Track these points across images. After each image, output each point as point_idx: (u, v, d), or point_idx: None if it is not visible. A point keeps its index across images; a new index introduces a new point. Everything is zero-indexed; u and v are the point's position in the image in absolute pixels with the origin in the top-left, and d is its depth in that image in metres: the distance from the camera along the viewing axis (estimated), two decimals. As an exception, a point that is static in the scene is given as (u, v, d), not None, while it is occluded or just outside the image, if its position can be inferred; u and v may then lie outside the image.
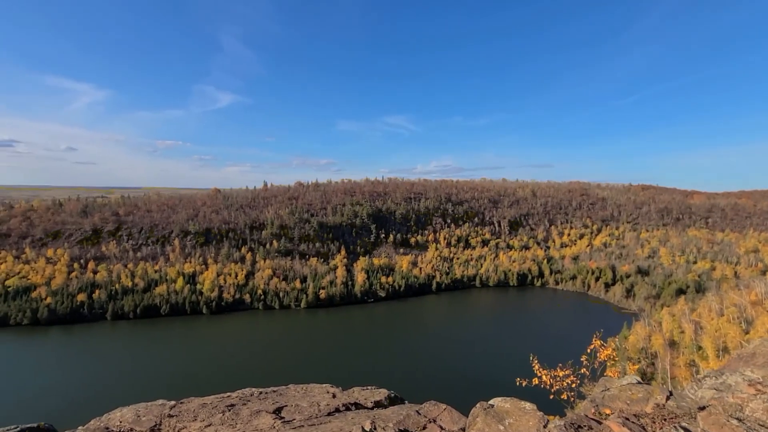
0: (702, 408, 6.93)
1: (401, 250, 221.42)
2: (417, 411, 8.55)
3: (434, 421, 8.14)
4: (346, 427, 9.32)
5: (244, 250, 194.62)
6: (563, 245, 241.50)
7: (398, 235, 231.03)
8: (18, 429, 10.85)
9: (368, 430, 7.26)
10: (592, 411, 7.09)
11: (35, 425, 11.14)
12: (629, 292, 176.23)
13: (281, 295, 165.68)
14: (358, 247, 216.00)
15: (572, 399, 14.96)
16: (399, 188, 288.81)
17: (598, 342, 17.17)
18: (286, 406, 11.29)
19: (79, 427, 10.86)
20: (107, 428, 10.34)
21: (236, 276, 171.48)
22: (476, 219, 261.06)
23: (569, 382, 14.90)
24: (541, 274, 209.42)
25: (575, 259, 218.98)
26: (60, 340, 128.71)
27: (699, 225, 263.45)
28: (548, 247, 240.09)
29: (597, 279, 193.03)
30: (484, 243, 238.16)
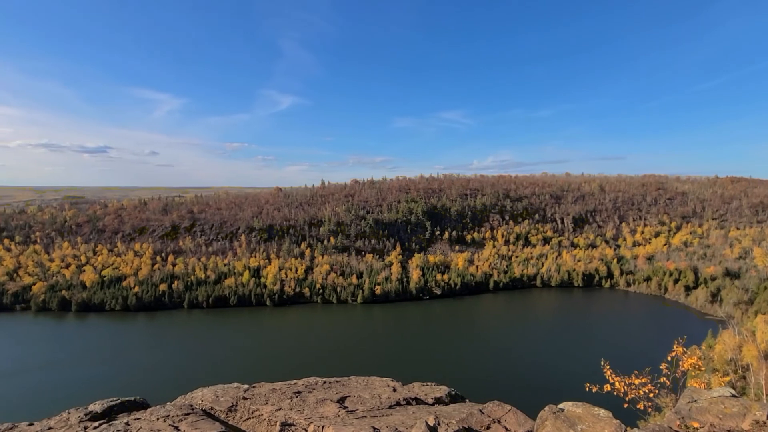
0: (814, 429, 6.09)
1: (457, 248, 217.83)
2: (480, 410, 8.43)
3: (498, 421, 7.99)
4: (408, 421, 9.44)
5: (303, 245, 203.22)
6: (636, 244, 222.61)
7: (453, 232, 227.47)
8: (119, 401, 12.37)
9: (432, 425, 7.30)
10: (677, 423, 6.53)
11: (133, 398, 12.62)
12: (715, 297, 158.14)
13: (338, 289, 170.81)
14: (413, 244, 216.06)
15: (649, 410, 13.84)
16: (454, 185, 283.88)
17: (680, 349, 15.64)
18: (349, 396, 11.70)
19: (168, 403, 12.10)
20: (191, 405, 11.41)
21: (296, 270, 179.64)
22: (537, 216, 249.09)
23: (646, 391, 13.77)
24: (610, 275, 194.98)
25: (650, 259, 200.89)
26: (147, 325, 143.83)
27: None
28: (618, 246, 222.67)
29: (676, 281, 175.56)
30: (546, 241, 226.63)
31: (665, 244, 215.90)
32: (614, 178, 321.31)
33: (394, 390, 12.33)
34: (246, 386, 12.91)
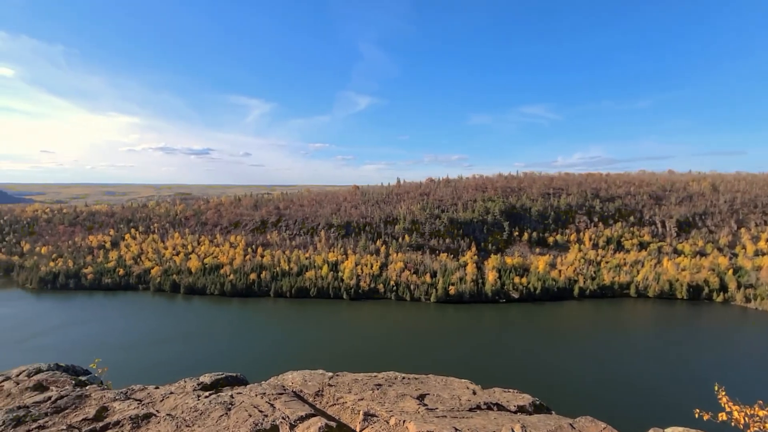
0: None
1: (537, 250, 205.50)
2: (570, 424, 7.99)
3: (591, 438, 7.50)
4: (490, 426, 9.28)
5: (378, 242, 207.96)
6: (760, 253, 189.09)
7: (534, 234, 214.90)
8: (224, 375, 13.95)
9: (518, 432, 7.12)
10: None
11: (234, 374, 14.16)
12: None
13: (412, 287, 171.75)
14: (489, 245, 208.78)
15: (777, 448, 11.81)
16: (535, 183, 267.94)
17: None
18: (428, 394, 11.83)
19: (263, 382, 13.37)
20: (283, 386, 12.48)
21: (371, 267, 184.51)
22: (632, 218, 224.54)
23: (775, 426, 11.77)
24: (723, 288, 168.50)
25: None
26: (239, 309, 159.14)
27: None
28: (735, 255, 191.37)
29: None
30: (642, 246, 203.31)
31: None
32: (731, 176, 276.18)
33: (474, 393, 12.17)
34: (330, 374, 13.72)
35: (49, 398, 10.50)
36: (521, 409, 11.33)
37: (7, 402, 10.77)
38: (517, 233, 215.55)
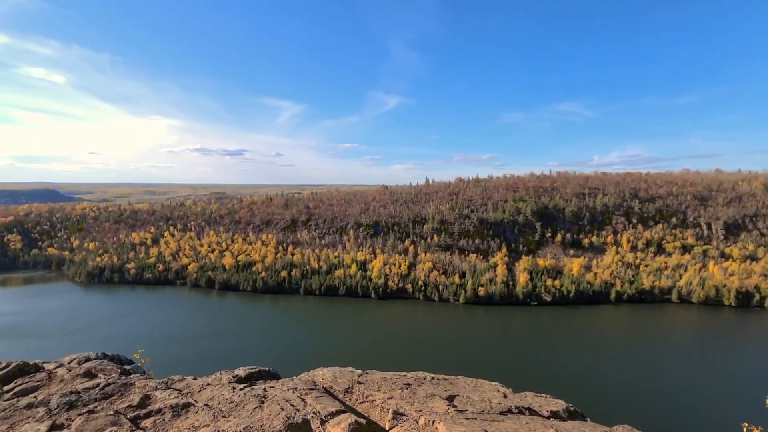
0: None
1: (571, 252, 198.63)
2: (607, 432, 7.70)
3: (630, 448, 7.20)
4: (522, 431, 9.09)
5: (407, 242, 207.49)
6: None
7: (567, 235, 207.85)
8: (257, 369, 14.36)
9: (552, 438, 6.93)
10: None
11: (267, 369, 14.56)
12: None
13: (440, 288, 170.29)
14: (521, 246, 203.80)
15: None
16: (569, 183, 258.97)
17: None
18: (458, 395, 11.72)
19: (295, 377, 13.67)
20: (314, 382, 12.72)
21: (400, 266, 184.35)
22: (674, 219, 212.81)
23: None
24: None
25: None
26: (270, 306, 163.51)
27: None
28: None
29: None
30: (686, 249, 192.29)
31: None
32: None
33: (505, 396, 11.96)
34: (360, 371, 13.85)
35: (98, 385, 11.21)
36: (554, 415, 11.03)
37: (60, 387, 11.58)
38: (549, 234, 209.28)
